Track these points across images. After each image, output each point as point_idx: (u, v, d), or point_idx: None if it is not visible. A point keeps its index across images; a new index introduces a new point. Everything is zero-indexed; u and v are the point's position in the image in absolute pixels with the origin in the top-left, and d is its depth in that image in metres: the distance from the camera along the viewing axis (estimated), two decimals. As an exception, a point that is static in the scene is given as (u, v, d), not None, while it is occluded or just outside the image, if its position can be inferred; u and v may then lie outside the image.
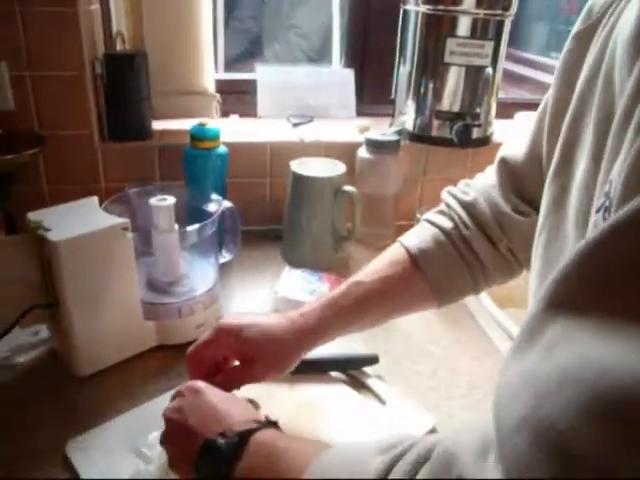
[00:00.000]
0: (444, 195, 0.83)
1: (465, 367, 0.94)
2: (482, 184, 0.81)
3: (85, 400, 0.84)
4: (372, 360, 0.90)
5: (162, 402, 0.81)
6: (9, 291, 0.84)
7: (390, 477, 0.43)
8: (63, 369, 0.89)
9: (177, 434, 0.64)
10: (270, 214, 1.35)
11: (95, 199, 0.90)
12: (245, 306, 1.07)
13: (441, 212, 0.82)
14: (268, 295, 1.06)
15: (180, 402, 0.66)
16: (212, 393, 0.66)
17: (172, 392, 0.70)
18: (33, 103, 1.19)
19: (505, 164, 0.78)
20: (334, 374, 0.89)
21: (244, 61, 1.69)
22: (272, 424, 0.62)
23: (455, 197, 0.81)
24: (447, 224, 0.79)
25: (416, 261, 0.77)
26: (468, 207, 0.79)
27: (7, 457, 0.75)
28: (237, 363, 0.75)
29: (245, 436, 0.58)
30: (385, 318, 0.80)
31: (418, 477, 0.41)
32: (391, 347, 0.95)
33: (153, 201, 0.90)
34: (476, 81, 1.24)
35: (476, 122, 1.26)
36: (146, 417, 0.79)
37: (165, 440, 0.66)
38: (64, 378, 0.88)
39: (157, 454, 0.72)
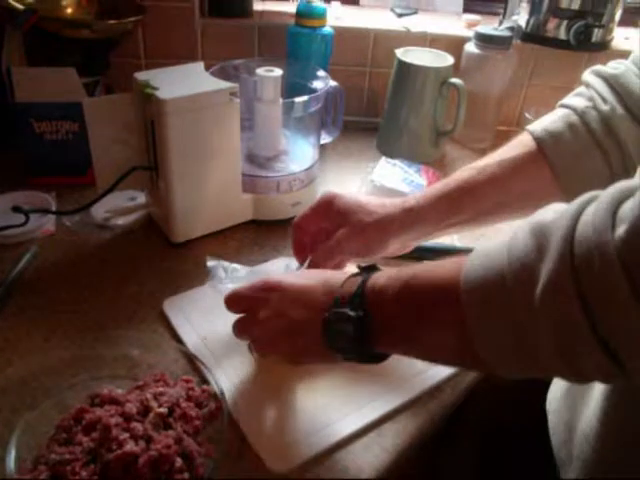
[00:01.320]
0: (585, 75, 0.72)
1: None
2: None
3: (179, 265, 0.86)
4: (468, 253, 0.87)
5: (255, 272, 0.82)
6: (111, 151, 0.85)
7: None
8: (159, 234, 0.91)
9: (280, 335, 0.62)
10: (366, 105, 1.31)
11: (201, 64, 0.87)
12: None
13: (578, 94, 0.71)
14: (363, 183, 1.04)
15: (265, 309, 0.62)
16: (289, 280, 0.62)
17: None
18: (135, -28, 1.16)
19: None
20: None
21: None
22: (371, 268, 0.59)
23: (598, 74, 0.69)
24: (582, 103, 0.68)
25: (540, 143, 0.68)
26: (612, 80, 0.67)
27: (110, 308, 0.77)
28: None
29: (361, 288, 0.55)
30: (502, 210, 0.72)
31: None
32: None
33: (260, 71, 0.87)
34: (605, -24, 1.14)
35: (598, 23, 1.17)
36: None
37: (265, 347, 0.65)
38: (160, 243, 0.90)
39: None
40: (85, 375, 0.65)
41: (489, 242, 0.48)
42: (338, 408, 0.64)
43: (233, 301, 0.65)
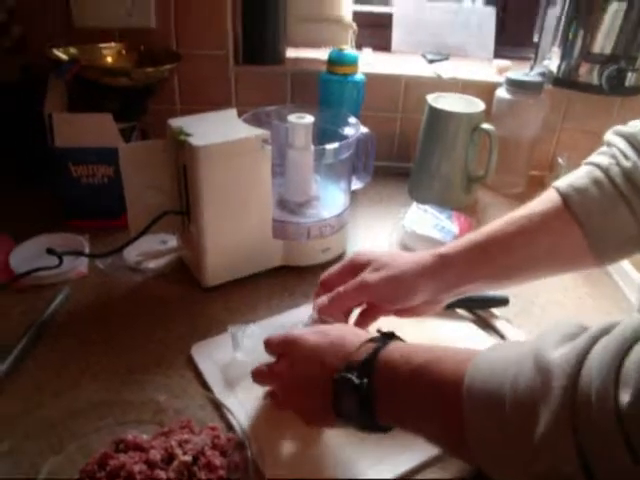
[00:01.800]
0: (607, 135, 0.74)
1: (595, 321, 0.88)
2: None
3: (209, 309, 0.86)
4: (502, 302, 0.86)
5: (284, 318, 0.82)
6: (144, 196, 0.86)
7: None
8: (190, 278, 0.91)
9: (293, 392, 0.64)
10: (397, 151, 1.32)
11: (234, 111, 0.89)
12: (370, 238, 1.05)
13: (601, 152, 0.73)
14: (394, 229, 1.04)
15: (280, 365, 0.65)
16: (307, 337, 0.63)
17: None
18: (173, 22, 1.20)
19: None
20: (460, 312, 0.86)
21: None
22: (389, 336, 0.60)
23: (619, 133, 0.72)
24: (605, 160, 0.70)
25: (566, 199, 0.68)
26: (630, 137, 0.69)
27: (139, 351, 0.77)
28: None
29: (370, 361, 0.56)
30: (531, 265, 0.71)
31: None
32: (521, 292, 0.89)
33: (291, 118, 0.88)
34: (638, 19, 1.12)
35: (631, 67, 1.16)
36: (268, 330, 0.79)
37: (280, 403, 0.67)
38: (190, 287, 0.90)
39: None
40: (111, 419, 0.65)
41: (493, 352, 0.51)
42: (369, 459, 0.63)
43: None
